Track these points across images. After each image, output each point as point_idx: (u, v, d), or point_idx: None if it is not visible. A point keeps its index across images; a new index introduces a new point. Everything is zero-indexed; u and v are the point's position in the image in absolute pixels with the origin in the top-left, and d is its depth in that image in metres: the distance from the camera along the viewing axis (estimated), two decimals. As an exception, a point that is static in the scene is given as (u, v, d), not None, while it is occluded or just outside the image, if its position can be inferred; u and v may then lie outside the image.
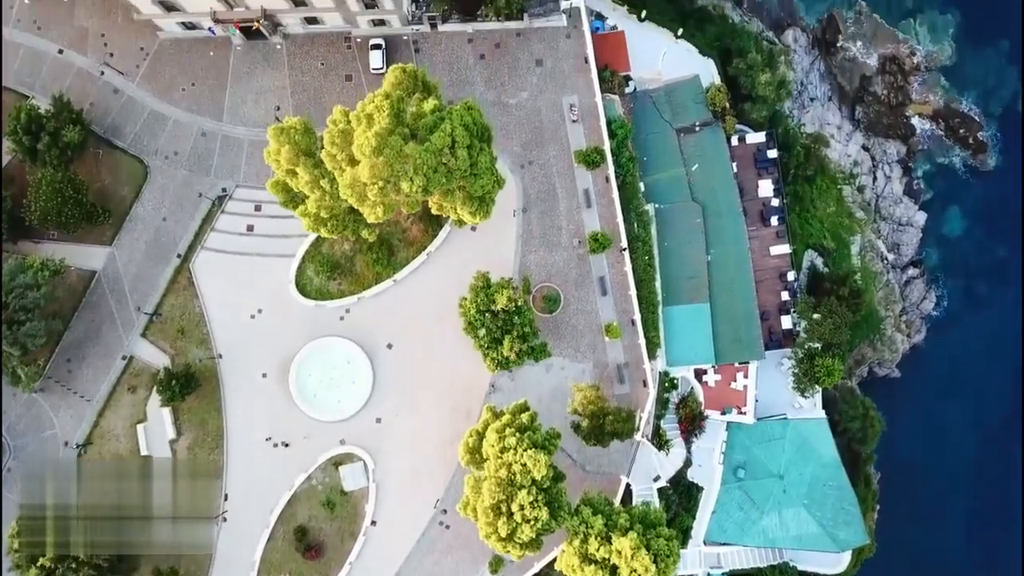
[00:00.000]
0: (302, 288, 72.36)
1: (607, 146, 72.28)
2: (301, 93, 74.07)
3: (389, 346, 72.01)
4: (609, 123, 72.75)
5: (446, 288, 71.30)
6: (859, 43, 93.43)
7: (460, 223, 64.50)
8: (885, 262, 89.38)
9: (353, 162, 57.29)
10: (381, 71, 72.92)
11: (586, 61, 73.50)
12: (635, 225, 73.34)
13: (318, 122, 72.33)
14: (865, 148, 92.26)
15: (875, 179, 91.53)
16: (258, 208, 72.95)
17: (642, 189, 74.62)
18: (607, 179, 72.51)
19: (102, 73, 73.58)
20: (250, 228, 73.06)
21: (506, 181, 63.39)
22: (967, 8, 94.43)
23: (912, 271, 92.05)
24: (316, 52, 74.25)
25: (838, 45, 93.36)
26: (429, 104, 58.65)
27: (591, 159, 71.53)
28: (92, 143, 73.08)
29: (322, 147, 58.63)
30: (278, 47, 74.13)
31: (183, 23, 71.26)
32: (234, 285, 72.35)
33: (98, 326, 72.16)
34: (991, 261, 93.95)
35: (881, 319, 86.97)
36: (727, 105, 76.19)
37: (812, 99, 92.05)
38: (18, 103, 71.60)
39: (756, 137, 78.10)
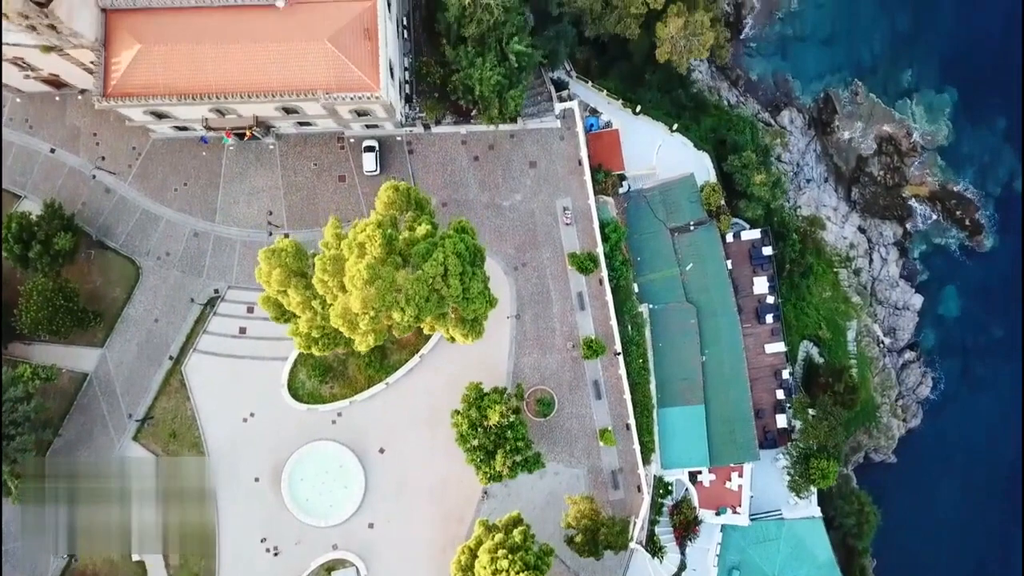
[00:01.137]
0: (294, 391, 71.99)
1: (600, 250, 72.00)
2: (294, 194, 73.79)
3: (381, 450, 71.64)
4: (603, 226, 72.48)
5: (439, 391, 71.04)
6: (855, 123, 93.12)
7: (452, 339, 64.18)
8: (881, 346, 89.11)
9: (344, 287, 57.02)
10: (375, 173, 72.78)
11: (580, 163, 73.29)
12: (629, 327, 73.03)
13: (311, 223, 73.39)
14: (861, 230, 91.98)
15: (871, 262, 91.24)
16: (250, 310, 72.48)
17: (636, 290, 74.36)
18: (601, 282, 72.19)
19: (94, 176, 73.26)
20: (242, 330, 72.70)
21: (498, 301, 63.00)
22: (964, 86, 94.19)
23: (908, 354, 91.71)
24: (309, 152, 73.99)
25: (834, 125, 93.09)
26: (421, 229, 58.40)
27: (584, 266, 71.22)
28: (84, 244, 72.67)
29: (314, 267, 58.40)
30: (271, 147, 73.84)
31: (175, 125, 70.96)
32: (226, 388, 71.92)
33: (89, 429, 71.73)
34: (988, 341, 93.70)
35: (877, 406, 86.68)
36: (722, 203, 75.88)
37: (808, 180, 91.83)
38: (10, 206, 71.62)
39: (751, 234, 77.83)
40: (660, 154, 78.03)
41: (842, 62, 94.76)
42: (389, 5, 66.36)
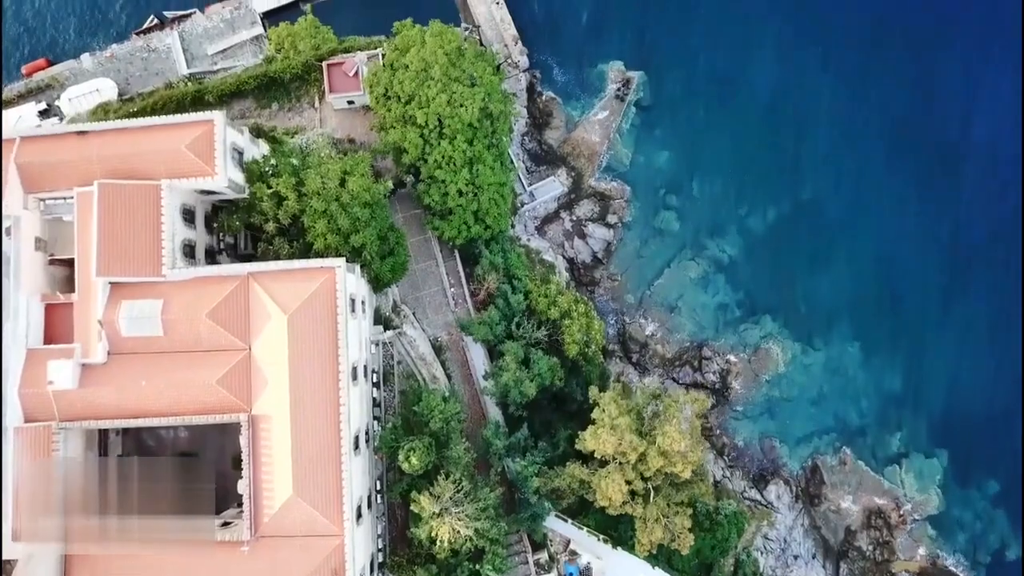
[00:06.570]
0: None
1: None
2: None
3: None
4: None
5: None
6: (844, 493, 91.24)
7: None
8: None
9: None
10: (346, 650, 70.56)
11: (559, 635, 71.43)
12: None
13: None
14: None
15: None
16: None
17: None
18: None
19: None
20: None
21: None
22: (954, 449, 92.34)
23: None
24: (279, 621, 71.77)
25: (822, 495, 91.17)
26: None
27: None
28: None
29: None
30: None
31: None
32: None
33: None
34: None
35: None
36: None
37: (795, 557, 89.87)
38: None
39: None
40: (641, 588, 76.31)
41: (830, 424, 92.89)
42: (360, 514, 64.39)
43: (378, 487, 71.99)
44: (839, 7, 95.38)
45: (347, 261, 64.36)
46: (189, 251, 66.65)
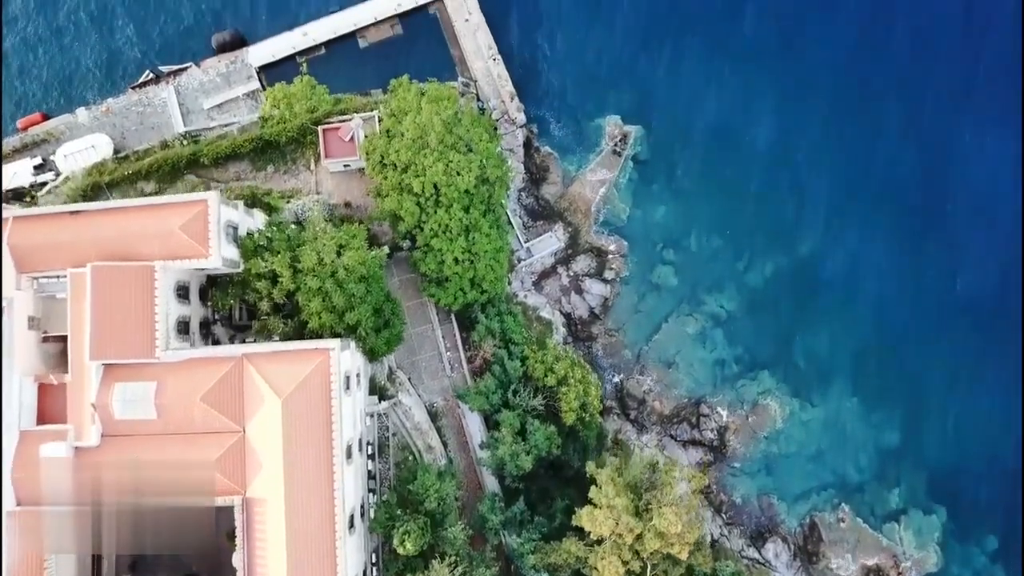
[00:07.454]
0: None
1: None
2: None
3: None
4: None
5: None
6: (842, 550, 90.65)
7: None
8: None
9: None
10: None
11: None
12: None
13: None
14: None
15: None
16: None
17: None
18: None
19: None
20: None
21: None
22: (952, 505, 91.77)
23: None
24: None
25: (820, 553, 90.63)
26: None
27: None
28: None
29: None
30: None
31: None
32: None
33: None
34: None
35: None
36: None
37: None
38: None
39: None
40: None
41: (828, 481, 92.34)
42: None
43: (373, 560, 71.47)
44: (835, 64, 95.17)
45: (342, 338, 64.13)
46: (183, 327, 66.22)
